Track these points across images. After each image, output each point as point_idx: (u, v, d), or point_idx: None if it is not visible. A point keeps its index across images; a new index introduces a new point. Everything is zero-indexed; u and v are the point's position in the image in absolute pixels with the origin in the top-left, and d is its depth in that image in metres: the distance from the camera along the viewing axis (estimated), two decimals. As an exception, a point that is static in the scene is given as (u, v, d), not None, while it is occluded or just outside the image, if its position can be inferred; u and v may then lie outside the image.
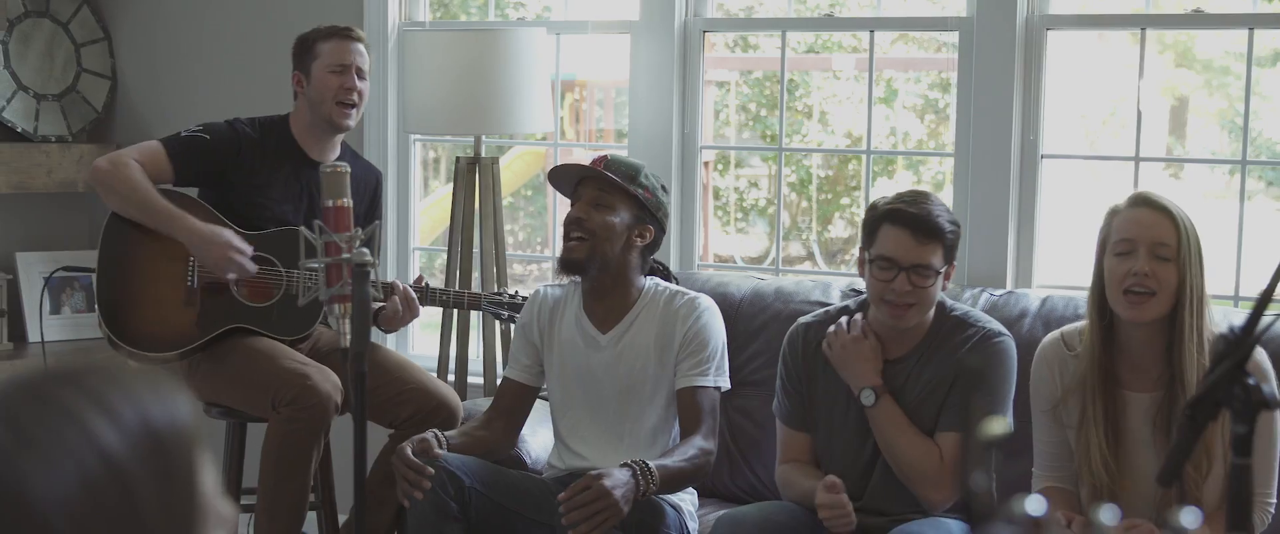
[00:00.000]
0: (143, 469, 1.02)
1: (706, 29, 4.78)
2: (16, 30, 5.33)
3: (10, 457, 0.99)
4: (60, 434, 1.01)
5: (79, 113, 5.52)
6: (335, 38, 4.35)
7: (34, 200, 5.37)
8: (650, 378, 3.82)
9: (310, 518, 4.47)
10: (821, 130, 8.88)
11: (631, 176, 3.80)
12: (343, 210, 3.29)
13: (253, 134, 4.33)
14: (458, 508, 3.61)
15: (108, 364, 1.07)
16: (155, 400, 1.06)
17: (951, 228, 3.54)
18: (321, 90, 4.30)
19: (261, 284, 4.25)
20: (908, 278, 3.49)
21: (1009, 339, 3.61)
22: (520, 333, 4.00)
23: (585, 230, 3.77)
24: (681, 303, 3.84)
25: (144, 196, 4.18)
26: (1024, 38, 4.30)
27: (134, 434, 1.03)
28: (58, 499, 0.99)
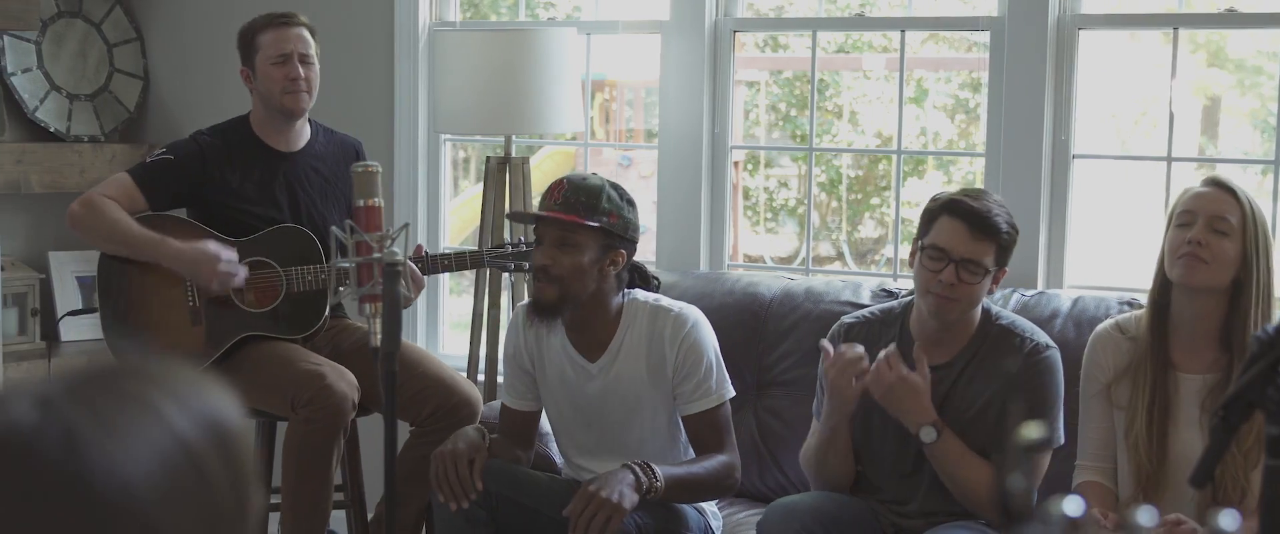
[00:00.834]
0: (214, 457, 1.06)
1: (737, 29, 4.78)
2: (50, 31, 5.36)
3: (95, 440, 1.01)
4: (137, 419, 1.04)
5: (111, 113, 5.54)
6: (272, 27, 4.31)
7: (67, 200, 5.36)
8: (647, 401, 3.74)
9: (340, 515, 4.49)
10: (851, 130, 8.87)
11: (593, 206, 3.60)
12: (374, 210, 3.30)
13: (215, 141, 4.32)
14: (486, 513, 3.61)
15: (167, 363, 1.10)
16: (215, 398, 1.09)
17: (1008, 230, 3.49)
18: (267, 83, 4.29)
19: (263, 287, 4.26)
20: (956, 271, 3.45)
21: (1057, 352, 3.57)
22: (510, 361, 3.89)
23: (552, 277, 3.62)
24: (667, 321, 3.69)
25: (122, 231, 4.19)
26: (1056, 37, 4.29)
27: (204, 423, 1.06)
28: (146, 481, 1.01)
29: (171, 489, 1.02)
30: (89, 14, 5.49)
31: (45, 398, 1.04)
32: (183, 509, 1.03)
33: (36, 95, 5.33)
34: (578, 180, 3.65)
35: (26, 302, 5.19)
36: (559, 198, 3.61)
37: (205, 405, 1.08)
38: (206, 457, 1.05)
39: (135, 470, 1.01)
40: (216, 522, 1.05)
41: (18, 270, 5.16)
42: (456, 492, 3.55)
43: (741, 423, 4.25)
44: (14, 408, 1.03)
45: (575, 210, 3.59)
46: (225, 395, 1.11)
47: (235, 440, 1.09)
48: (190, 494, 1.03)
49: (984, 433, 3.54)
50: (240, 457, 1.09)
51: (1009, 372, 3.48)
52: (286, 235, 4.26)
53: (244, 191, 4.29)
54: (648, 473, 3.46)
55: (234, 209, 4.28)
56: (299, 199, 4.33)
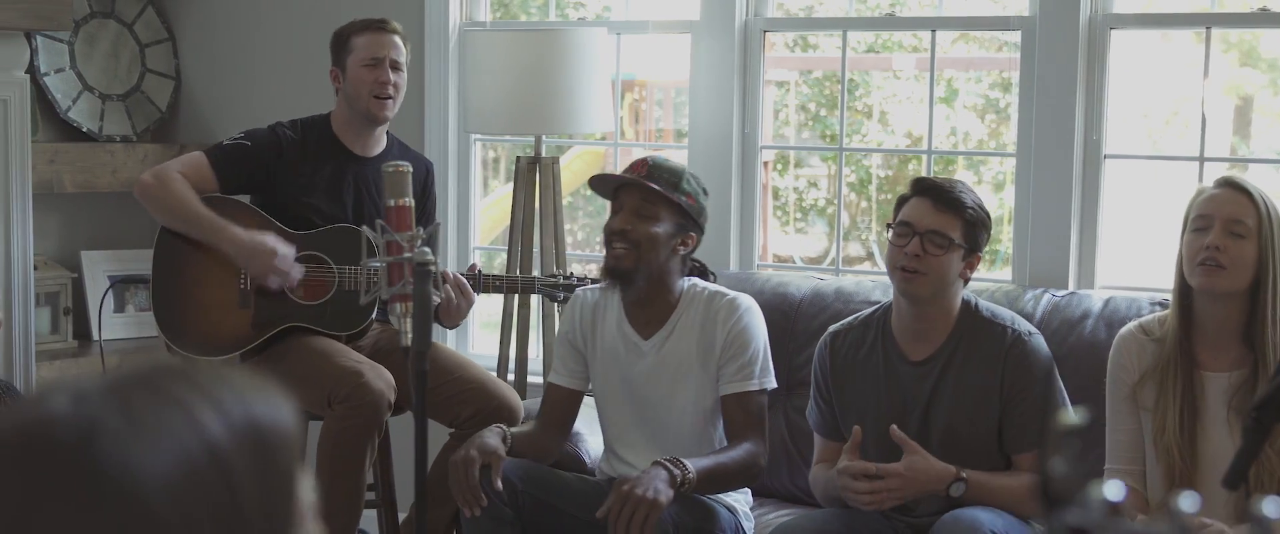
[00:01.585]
0: (245, 463, 1.05)
1: (767, 29, 4.77)
2: (82, 31, 5.38)
3: (119, 437, 1.02)
4: (168, 420, 1.04)
5: (143, 113, 5.57)
6: (369, 31, 4.36)
7: (99, 200, 5.42)
8: (693, 383, 3.79)
9: (370, 516, 4.50)
10: (881, 130, 8.85)
11: (675, 184, 3.74)
12: (404, 210, 3.30)
13: (294, 135, 4.36)
14: (513, 513, 3.62)
15: (220, 366, 1.11)
16: (262, 402, 1.09)
17: (975, 208, 3.54)
18: (357, 85, 4.32)
19: (315, 282, 4.28)
20: (922, 242, 3.49)
21: (1040, 338, 3.62)
22: (563, 339, 3.97)
23: (629, 241, 3.72)
24: (721, 304, 3.78)
25: (187, 210, 4.22)
26: (1087, 37, 4.28)
27: (239, 429, 1.06)
28: (160, 480, 1.02)
29: (188, 490, 1.02)
30: (121, 14, 5.52)
31: (82, 393, 1.05)
32: (196, 508, 1.02)
33: (69, 95, 5.35)
34: (661, 159, 3.81)
35: (59, 301, 5.22)
36: (644, 171, 3.74)
37: (246, 412, 1.08)
38: (235, 462, 1.05)
39: (152, 467, 1.01)
40: (237, 524, 1.05)
41: (50, 269, 5.19)
42: (468, 498, 3.56)
43: (770, 423, 4.25)
44: (52, 400, 1.04)
45: (659, 183, 3.73)
46: (279, 404, 1.11)
47: (275, 448, 1.09)
48: (209, 497, 1.03)
49: (980, 428, 3.54)
50: (279, 464, 1.08)
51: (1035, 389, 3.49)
52: (345, 235, 4.28)
53: (312, 187, 4.32)
54: (679, 467, 3.48)
55: (299, 202, 4.31)
56: (364, 203, 4.35)
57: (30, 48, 4.92)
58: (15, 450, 1.03)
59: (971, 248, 3.55)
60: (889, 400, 3.62)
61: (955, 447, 3.55)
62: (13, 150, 4.63)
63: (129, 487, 1.01)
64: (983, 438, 3.55)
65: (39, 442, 1.02)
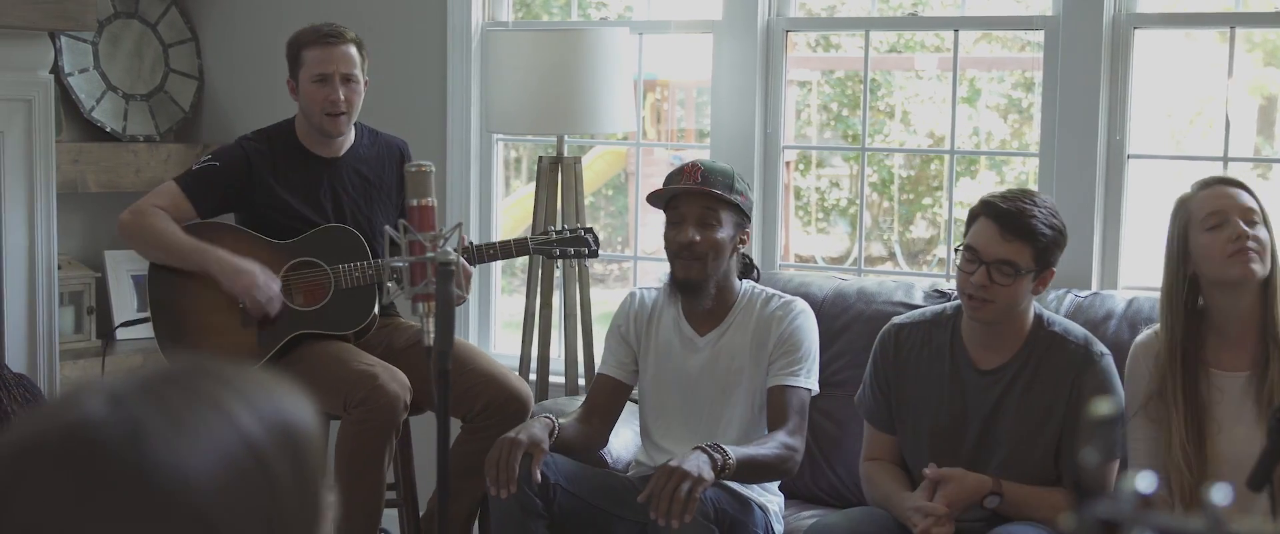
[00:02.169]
0: (280, 458, 1.06)
1: (789, 29, 4.77)
2: (106, 31, 5.40)
3: (163, 436, 1.03)
4: (205, 417, 1.05)
5: (167, 113, 5.58)
6: (318, 45, 4.30)
7: (122, 200, 5.41)
8: (745, 380, 3.83)
9: (392, 514, 4.50)
10: (904, 130, 8.84)
11: (729, 184, 3.78)
12: (427, 209, 3.31)
13: (261, 147, 4.35)
14: (542, 505, 3.62)
15: (242, 365, 1.12)
16: (289, 400, 1.10)
17: (1047, 231, 3.45)
18: (308, 101, 4.30)
19: (311, 286, 4.29)
20: (988, 272, 3.43)
21: (1110, 358, 3.55)
22: (614, 332, 4.01)
23: (697, 253, 3.76)
24: (778, 306, 3.85)
25: (169, 241, 4.23)
26: (1111, 37, 4.26)
27: (274, 427, 1.07)
28: (207, 480, 1.02)
29: (233, 487, 1.03)
30: (145, 15, 5.53)
31: (118, 394, 1.05)
32: (243, 507, 1.03)
33: (93, 95, 5.37)
34: (709, 164, 3.86)
35: (82, 300, 5.23)
36: (698, 177, 3.77)
37: (277, 409, 1.09)
38: (273, 459, 1.06)
39: (197, 466, 1.02)
40: (278, 522, 1.05)
41: (74, 269, 5.20)
42: (500, 478, 3.57)
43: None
44: (87, 402, 1.04)
45: (718, 187, 3.77)
46: (302, 403, 1.12)
47: (306, 446, 1.09)
48: (252, 493, 1.04)
49: (1041, 443, 3.51)
50: (309, 462, 1.09)
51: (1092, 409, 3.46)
52: (331, 235, 4.29)
53: (289, 196, 4.31)
54: (719, 452, 3.50)
55: (279, 212, 4.31)
56: (343, 203, 4.35)
57: (54, 48, 4.94)
58: (59, 453, 1.03)
59: (1044, 267, 3.49)
60: (951, 406, 3.59)
61: (1014, 460, 3.52)
62: (37, 150, 4.64)
63: (179, 488, 1.01)
64: (1042, 453, 3.52)
65: (83, 445, 1.02)
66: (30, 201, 4.62)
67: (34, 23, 4.51)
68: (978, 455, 3.55)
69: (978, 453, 3.55)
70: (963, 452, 3.56)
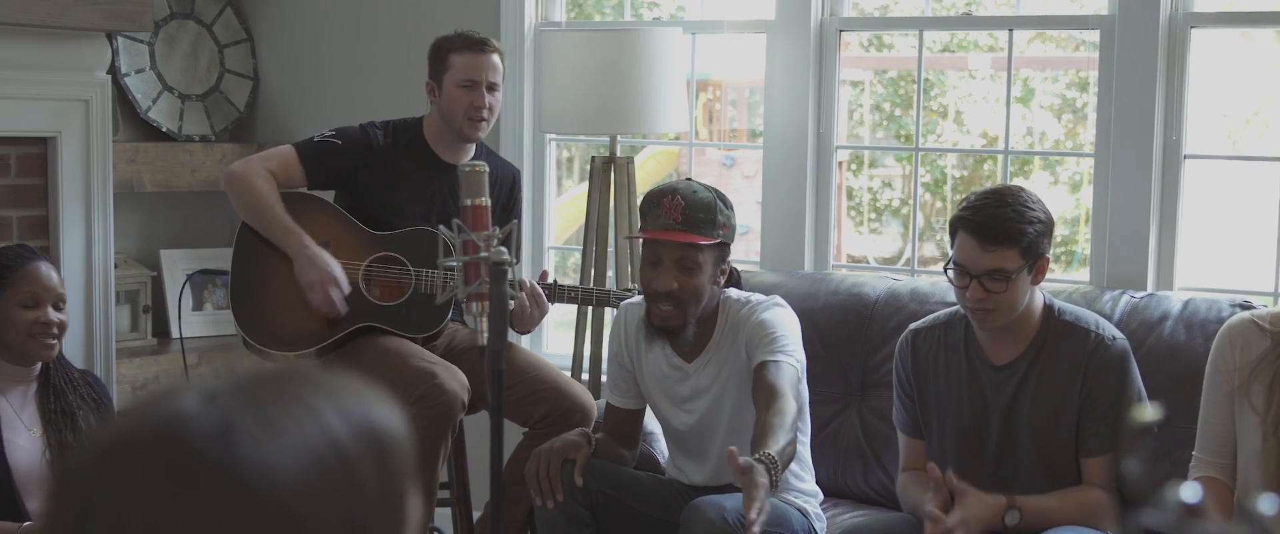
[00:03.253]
0: (366, 460, 1.08)
1: (843, 28, 4.76)
2: (162, 32, 5.44)
3: (252, 434, 1.04)
4: (295, 418, 1.07)
5: (222, 113, 5.62)
6: (468, 51, 4.34)
7: (178, 199, 5.47)
8: (731, 396, 3.73)
9: (444, 514, 4.52)
10: (957, 130, 8.81)
11: (711, 221, 3.62)
12: (480, 209, 3.31)
13: (384, 138, 4.38)
14: (588, 513, 3.62)
15: (334, 371, 1.14)
16: (378, 407, 1.11)
17: (1028, 227, 3.40)
18: (451, 105, 4.32)
19: (391, 283, 4.30)
20: (980, 285, 3.42)
21: (1125, 342, 3.54)
22: (613, 360, 3.93)
23: (676, 299, 3.64)
24: (745, 310, 3.70)
25: (265, 209, 4.25)
26: (1167, 36, 4.24)
27: (361, 430, 1.09)
28: (294, 477, 1.04)
29: (319, 487, 1.04)
30: (201, 15, 5.57)
31: (211, 392, 1.07)
32: (328, 507, 1.05)
33: (149, 95, 5.41)
34: (690, 195, 3.63)
35: (138, 299, 5.27)
36: (678, 216, 3.60)
37: (366, 414, 1.10)
38: (359, 461, 1.07)
39: (284, 463, 1.04)
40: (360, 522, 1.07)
41: (130, 268, 5.24)
42: (544, 489, 3.56)
43: (846, 424, 4.24)
44: (182, 398, 1.07)
45: (695, 228, 3.60)
46: (392, 410, 1.13)
47: (392, 451, 1.11)
48: (337, 494, 1.05)
49: (1062, 433, 3.50)
50: (395, 467, 1.11)
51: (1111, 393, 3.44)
52: (424, 237, 4.30)
53: (398, 190, 4.34)
54: (775, 465, 3.23)
55: (383, 204, 4.33)
56: (449, 210, 4.37)
57: (112, 49, 4.97)
58: (150, 447, 1.05)
59: (1035, 258, 3.45)
60: (971, 405, 3.59)
61: (1039, 453, 3.52)
62: (94, 150, 4.68)
63: (266, 484, 1.03)
64: (1064, 443, 3.51)
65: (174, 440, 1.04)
66: (87, 201, 4.66)
67: (92, 24, 4.55)
68: (1002, 451, 3.54)
69: (1002, 448, 3.54)
70: (988, 449, 3.55)
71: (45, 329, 3.95)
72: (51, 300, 3.98)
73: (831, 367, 4.25)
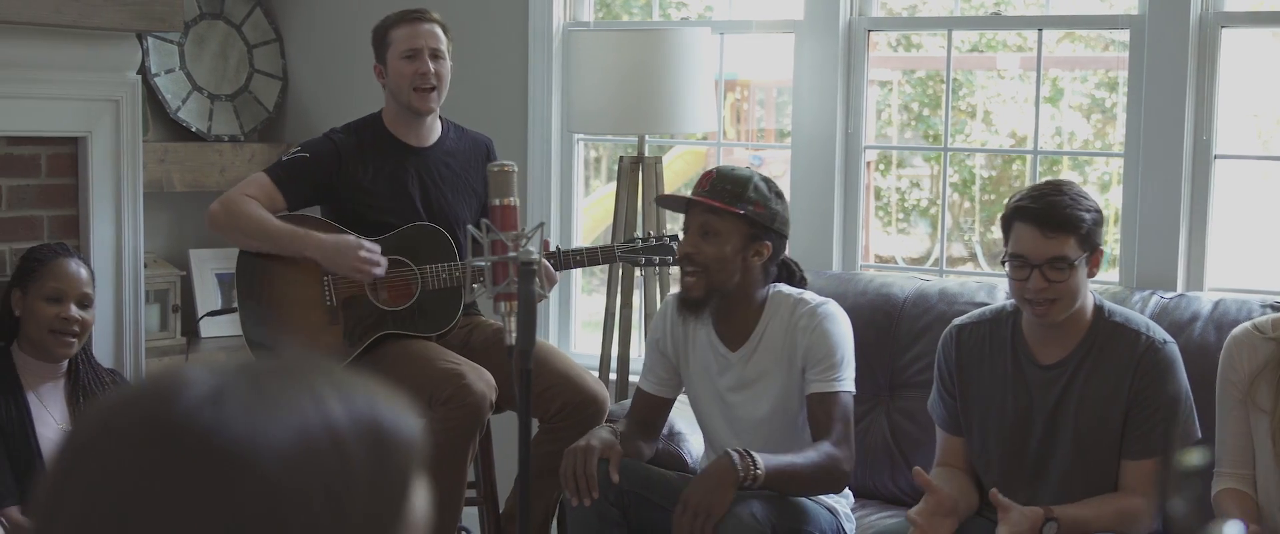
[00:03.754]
0: (361, 453, 1.08)
1: (871, 28, 4.75)
2: (192, 32, 5.46)
3: (245, 408, 1.05)
4: (294, 398, 1.07)
5: (251, 113, 5.63)
6: (405, 23, 4.37)
7: (207, 199, 5.46)
8: (778, 390, 3.75)
9: (471, 512, 4.52)
10: (985, 130, 8.78)
11: (738, 194, 3.64)
12: (509, 209, 3.32)
13: (348, 138, 4.39)
14: (619, 512, 3.62)
15: (358, 373, 1.14)
16: (388, 407, 1.11)
17: (1084, 215, 3.41)
18: (397, 78, 4.34)
19: (399, 285, 4.30)
20: (1042, 275, 3.41)
21: (1174, 346, 3.52)
22: (653, 347, 3.95)
23: (697, 265, 3.67)
24: (804, 312, 3.70)
25: (263, 226, 4.26)
26: (1197, 36, 4.22)
27: (361, 421, 1.09)
28: (277, 448, 1.04)
29: (302, 466, 1.04)
30: (230, 16, 5.59)
31: (221, 367, 1.08)
32: (311, 487, 1.04)
33: (179, 96, 5.42)
34: (727, 170, 3.71)
35: (168, 298, 5.29)
36: (707, 186, 3.67)
37: (371, 407, 1.10)
38: (352, 449, 1.07)
39: (270, 434, 1.04)
40: (346, 508, 1.06)
41: (159, 267, 5.26)
42: (582, 487, 3.57)
43: (874, 425, 4.23)
44: (190, 369, 1.08)
45: (721, 198, 3.64)
46: (405, 413, 1.12)
47: (391, 444, 1.10)
48: (322, 478, 1.05)
49: (1106, 437, 3.49)
50: (394, 467, 1.10)
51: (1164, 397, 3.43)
52: (420, 233, 4.31)
53: (377, 187, 4.34)
54: (745, 459, 3.45)
55: (367, 205, 4.33)
56: (431, 194, 4.37)
57: (142, 49, 4.99)
58: (141, 406, 1.06)
59: (1092, 250, 3.46)
60: (1015, 404, 3.57)
61: (1081, 454, 3.50)
62: (125, 150, 4.70)
63: (245, 451, 1.03)
64: (1108, 445, 3.49)
65: (166, 400, 1.05)
66: (117, 200, 4.68)
67: (122, 24, 4.57)
68: (1043, 450, 3.53)
69: (1044, 448, 3.53)
70: (1029, 448, 3.54)
71: (65, 325, 3.97)
72: (75, 297, 4.00)
73: (859, 367, 4.21)
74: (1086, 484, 3.49)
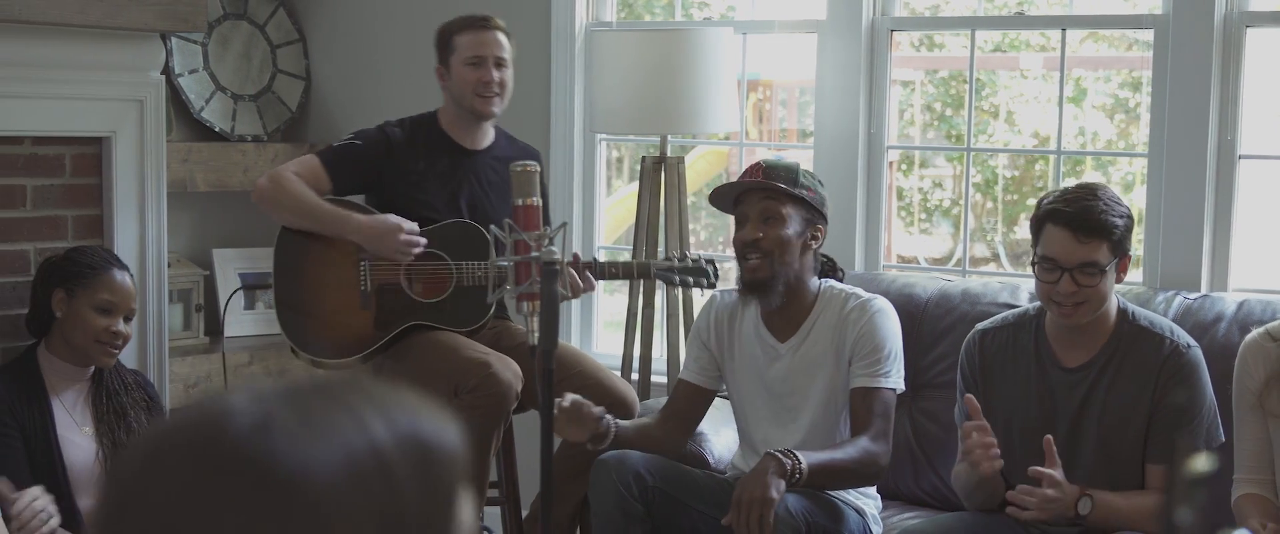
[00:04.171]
0: (408, 471, 1.09)
1: (894, 28, 4.74)
2: (216, 32, 5.47)
3: (292, 435, 1.06)
4: (339, 422, 1.08)
5: (274, 113, 5.64)
6: (471, 30, 4.40)
7: (230, 199, 5.50)
8: (826, 382, 3.77)
9: (493, 513, 4.52)
10: (1008, 130, 8.77)
11: (793, 179, 3.72)
12: (532, 209, 3.33)
13: (402, 133, 4.41)
14: (643, 509, 3.62)
15: (395, 386, 1.15)
16: (430, 420, 1.12)
17: (1118, 221, 3.41)
18: (461, 83, 4.36)
19: (433, 278, 4.32)
20: (1072, 278, 3.40)
21: (1198, 350, 3.51)
22: (695, 338, 3.98)
23: (762, 250, 3.71)
24: (855, 306, 3.77)
25: (308, 205, 4.28)
26: (1222, 35, 4.20)
27: (405, 439, 1.09)
28: (326, 476, 1.05)
29: (353, 492, 1.05)
30: (253, 16, 5.60)
31: (261, 393, 1.09)
32: (360, 513, 1.05)
33: (202, 96, 5.44)
34: (775, 159, 3.80)
35: (191, 298, 5.30)
36: (759, 175, 3.72)
37: (413, 424, 1.11)
38: (397, 466, 1.08)
39: (318, 461, 1.05)
40: (399, 529, 1.07)
41: (183, 267, 5.27)
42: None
43: (897, 425, 4.22)
44: (233, 396, 1.09)
45: (780, 183, 3.71)
46: (446, 425, 1.14)
47: (437, 461, 1.11)
48: (372, 501, 1.06)
49: (1129, 441, 3.48)
50: (440, 477, 1.11)
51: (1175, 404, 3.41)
52: (460, 230, 4.33)
53: (425, 183, 4.36)
54: (790, 458, 3.48)
55: (412, 199, 4.35)
56: (476, 197, 4.40)
57: (166, 49, 5.00)
58: (190, 437, 1.07)
59: (1122, 256, 3.46)
60: (1039, 406, 3.57)
61: (1106, 457, 3.49)
62: (149, 150, 4.70)
63: (297, 480, 1.04)
64: (1131, 448, 3.49)
65: (214, 430, 1.06)
66: (141, 200, 4.68)
67: (146, 24, 4.58)
68: (1067, 454, 3.52)
69: (1067, 451, 3.52)
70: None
71: (112, 338, 3.98)
72: (124, 312, 4.02)
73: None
74: (1110, 487, 3.48)
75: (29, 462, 3.87)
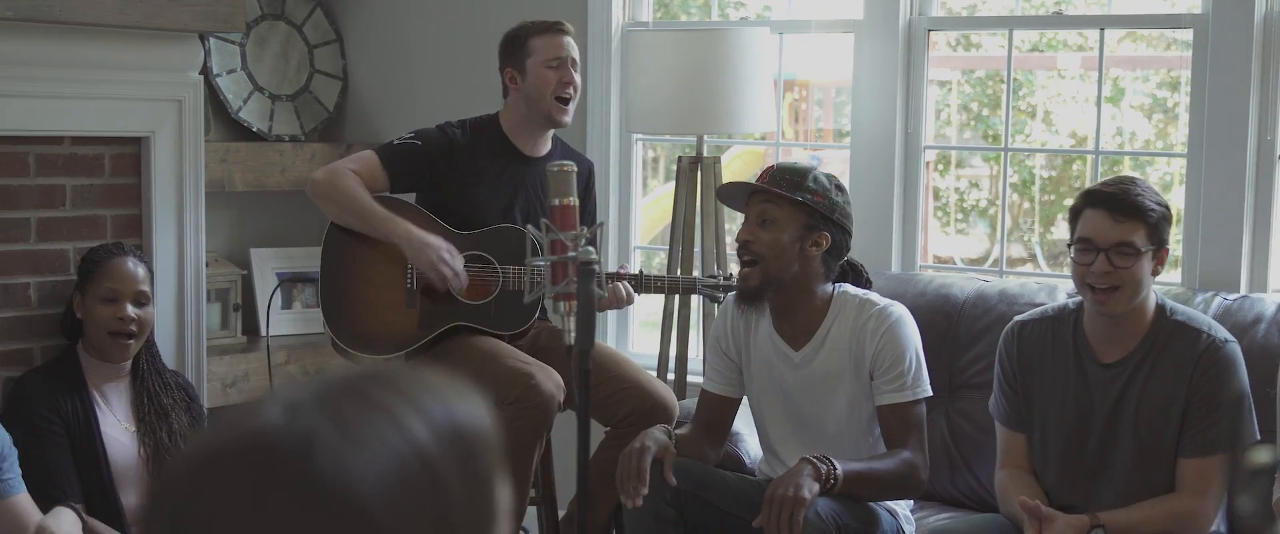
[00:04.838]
0: (451, 465, 1.09)
1: (931, 28, 4.73)
2: (253, 32, 5.49)
3: (334, 449, 1.05)
4: (378, 428, 1.07)
5: (311, 113, 5.66)
6: (548, 33, 4.38)
7: (268, 198, 5.52)
8: (846, 394, 3.73)
9: (530, 512, 4.53)
10: (1045, 130, 8.73)
11: (796, 184, 3.65)
12: (568, 209, 3.32)
13: (463, 135, 4.40)
14: (675, 513, 3.62)
15: (419, 369, 1.15)
16: (462, 404, 1.12)
17: (1156, 207, 3.41)
18: (539, 86, 4.34)
19: (479, 281, 4.32)
20: (1107, 259, 3.39)
21: (1236, 345, 3.50)
22: (714, 345, 3.94)
23: (753, 253, 3.67)
24: (871, 314, 3.69)
25: (360, 205, 4.28)
26: (1262, 35, 4.18)
27: (444, 433, 1.09)
28: (377, 488, 1.05)
29: (403, 498, 1.05)
30: (291, 16, 5.62)
31: (295, 403, 1.08)
32: (414, 518, 1.06)
33: (240, 96, 5.46)
34: (787, 163, 3.77)
35: (229, 297, 5.32)
36: (767, 177, 3.69)
37: (449, 414, 1.11)
38: (443, 467, 1.08)
39: (366, 475, 1.04)
40: (448, 526, 1.07)
41: (221, 266, 5.29)
42: (631, 486, 3.56)
43: (933, 426, 4.21)
44: (266, 411, 1.08)
45: (779, 186, 3.66)
46: (476, 404, 1.13)
47: (477, 448, 1.12)
48: (423, 504, 1.06)
49: (1164, 435, 3.46)
50: (481, 464, 1.11)
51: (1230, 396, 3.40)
52: (509, 235, 4.32)
53: (479, 186, 4.36)
54: (826, 463, 3.46)
55: (465, 202, 4.35)
56: (531, 204, 4.39)
57: (204, 50, 5.02)
58: (237, 460, 1.06)
59: (1159, 245, 3.45)
60: (1075, 402, 3.56)
61: (1141, 453, 3.48)
62: (187, 149, 4.73)
63: (349, 496, 1.04)
64: (1167, 444, 3.47)
65: (260, 453, 1.06)
66: (179, 200, 4.71)
67: (185, 25, 4.60)
68: (1103, 449, 3.52)
69: (1103, 446, 3.51)
70: (1088, 446, 3.53)
71: (121, 326, 4.00)
72: (130, 296, 4.03)
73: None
74: (1146, 483, 3.47)
75: (72, 456, 3.90)
